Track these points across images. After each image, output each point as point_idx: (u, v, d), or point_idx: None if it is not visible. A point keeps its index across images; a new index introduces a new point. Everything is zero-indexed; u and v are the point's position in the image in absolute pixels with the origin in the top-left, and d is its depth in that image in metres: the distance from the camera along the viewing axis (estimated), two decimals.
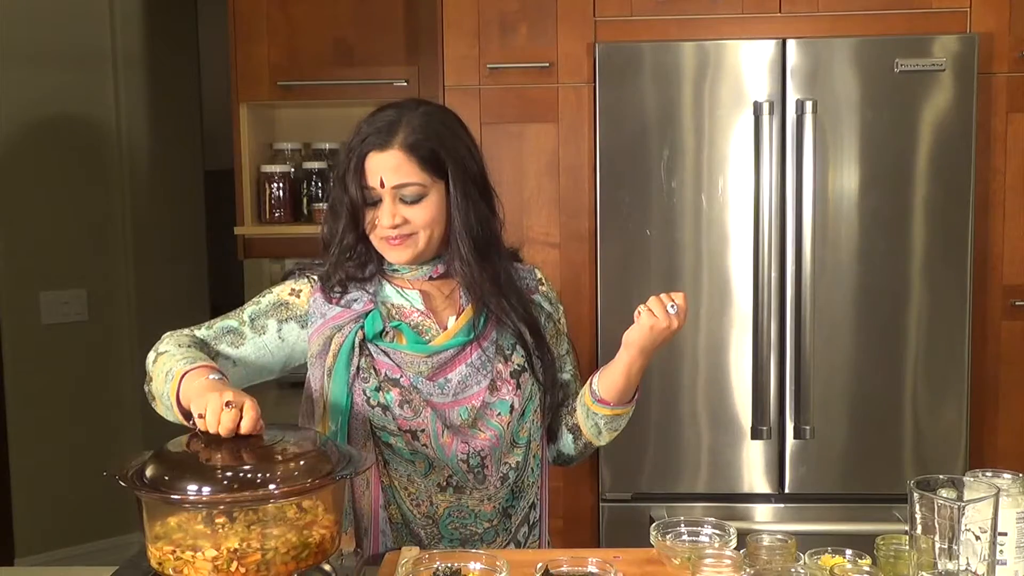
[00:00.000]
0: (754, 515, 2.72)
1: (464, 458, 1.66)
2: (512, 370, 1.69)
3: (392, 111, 1.68)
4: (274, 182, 3.24)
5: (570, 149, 2.76)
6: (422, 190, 1.62)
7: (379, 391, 1.64)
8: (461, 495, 1.67)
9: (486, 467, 1.66)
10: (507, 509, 1.70)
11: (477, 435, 1.66)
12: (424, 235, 1.65)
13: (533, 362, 1.71)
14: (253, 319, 1.71)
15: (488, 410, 1.67)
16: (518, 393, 1.68)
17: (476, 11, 2.76)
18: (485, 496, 1.67)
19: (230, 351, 1.69)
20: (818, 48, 2.64)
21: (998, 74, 2.70)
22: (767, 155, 2.63)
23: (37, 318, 3.79)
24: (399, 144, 1.62)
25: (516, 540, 1.72)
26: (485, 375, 1.67)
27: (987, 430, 2.78)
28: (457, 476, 1.66)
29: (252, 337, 1.70)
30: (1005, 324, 2.77)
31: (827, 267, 2.67)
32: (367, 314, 1.67)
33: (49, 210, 3.81)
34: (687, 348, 2.70)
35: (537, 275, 1.81)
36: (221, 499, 1.33)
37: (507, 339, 1.70)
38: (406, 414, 1.64)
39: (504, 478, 1.68)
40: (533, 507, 1.74)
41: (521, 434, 1.69)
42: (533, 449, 1.72)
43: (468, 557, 1.42)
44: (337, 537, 1.43)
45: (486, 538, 1.69)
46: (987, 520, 1.30)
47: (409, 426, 1.64)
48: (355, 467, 1.43)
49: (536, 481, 1.74)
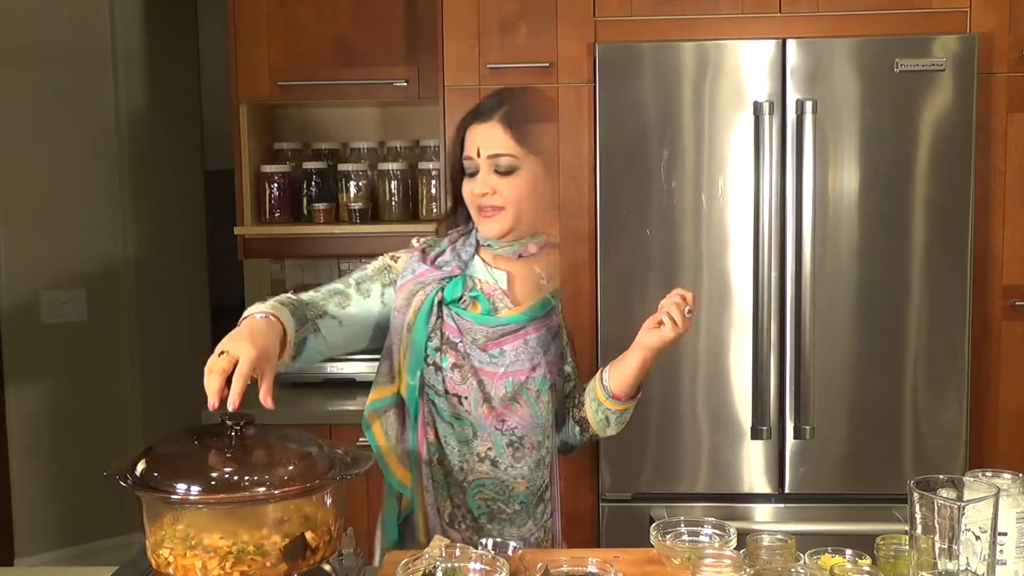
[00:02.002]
0: (754, 515, 2.72)
1: (501, 432, 1.73)
2: (562, 353, 1.81)
3: (502, 92, 1.81)
4: (274, 182, 3.24)
5: (570, 149, 2.76)
6: (515, 161, 1.71)
7: (438, 351, 1.72)
8: (497, 468, 1.73)
9: (525, 448, 1.74)
10: (542, 494, 1.77)
11: (516, 409, 1.72)
12: (512, 211, 1.72)
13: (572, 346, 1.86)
14: (359, 283, 1.79)
15: (528, 385, 1.73)
16: (560, 375, 1.79)
17: (476, 11, 2.76)
18: (519, 475, 1.74)
19: (337, 311, 1.74)
20: (818, 48, 2.64)
21: (998, 74, 2.70)
22: (767, 155, 2.63)
23: (37, 318, 3.79)
24: (498, 117, 1.72)
25: (544, 528, 1.79)
26: (537, 354, 1.74)
27: (987, 430, 2.78)
28: (497, 449, 1.73)
29: (357, 299, 1.77)
30: (1005, 324, 2.77)
31: (827, 267, 2.67)
32: (451, 278, 1.74)
33: (49, 210, 3.81)
34: (687, 348, 2.70)
35: None
36: (222, 499, 1.33)
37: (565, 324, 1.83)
38: (455, 378, 1.71)
39: (540, 461, 1.75)
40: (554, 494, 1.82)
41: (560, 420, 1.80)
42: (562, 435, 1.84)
43: (470, 557, 1.42)
44: (337, 537, 1.43)
45: (516, 521, 1.74)
46: (987, 520, 1.30)
47: (456, 390, 1.72)
48: (355, 468, 1.43)
49: (559, 470, 1.83)
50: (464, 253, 1.79)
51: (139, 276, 4.01)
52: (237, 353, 1.41)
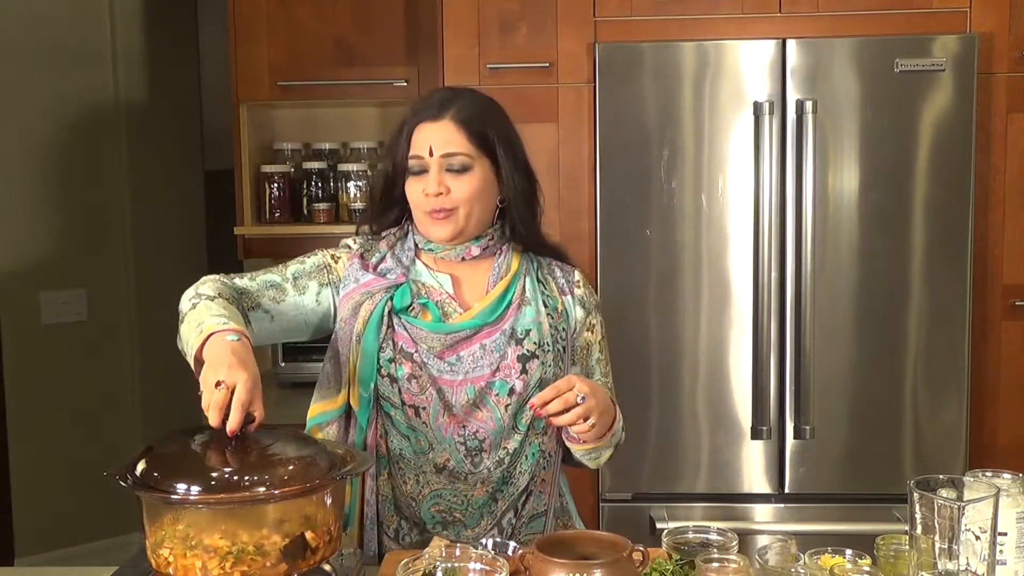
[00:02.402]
0: (754, 515, 2.72)
1: (462, 440, 1.68)
2: (520, 354, 1.70)
3: (446, 91, 1.78)
4: (274, 182, 3.24)
5: (570, 149, 2.76)
6: (469, 161, 1.68)
7: (392, 362, 1.68)
8: (455, 480, 1.69)
9: (484, 451, 1.69)
10: (495, 493, 1.71)
11: (477, 415, 1.68)
12: (464, 210, 1.69)
13: (546, 350, 1.72)
14: (296, 278, 1.75)
15: (489, 390, 1.69)
16: (523, 377, 1.69)
17: (476, 11, 2.76)
18: (479, 480, 1.69)
19: (270, 305, 1.72)
20: (818, 48, 2.64)
21: (998, 74, 2.70)
22: (767, 155, 2.63)
23: (37, 318, 3.79)
24: (451, 116, 1.69)
25: (500, 526, 1.72)
26: (495, 358, 1.69)
27: (987, 430, 2.78)
28: (454, 460, 1.68)
29: (293, 295, 1.73)
30: (1005, 324, 2.77)
31: (827, 267, 2.67)
32: (398, 286, 1.71)
33: (49, 210, 3.81)
34: (687, 348, 2.71)
35: (575, 277, 1.82)
36: (221, 499, 1.33)
37: (524, 324, 1.72)
38: (412, 388, 1.67)
39: (500, 462, 1.70)
40: (529, 496, 1.74)
41: (523, 420, 1.70)
42: (532, 437, 1.72)
43: (470, 557, 1.42)
44: (337, 537, 1.43)
45: (470, 523, 1.70)
46: (987, 520, 1.30)
47: (413, 401, 1.68)
48: (354, 468, 1.43)
49: (529, 470, 1.73)
50: (404, 258, 1.75)
51: (139, 276, 4.01)
52: (234, 382, 1.40)
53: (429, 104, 1.72)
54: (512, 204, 1.73)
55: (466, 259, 1.74)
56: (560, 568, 1.33)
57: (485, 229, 1.74)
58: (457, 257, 1.74)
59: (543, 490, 1.76)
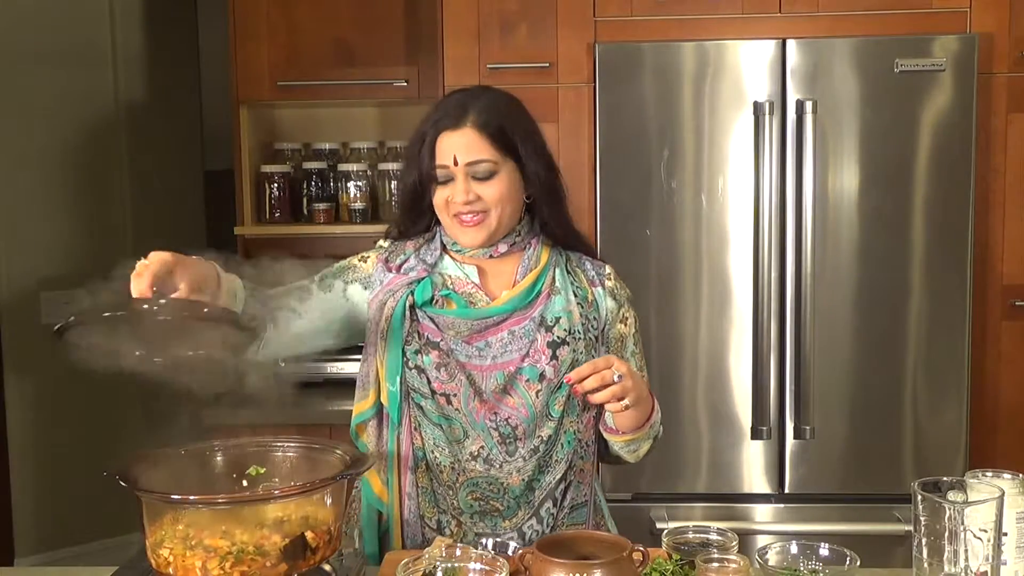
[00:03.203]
0: (754, 515, 2.72)
1: (495, 426, 1.69)
2: (550, 340, 1.71)
3: (460, 95, 1.76)
4: (274, 182, 3.24)
5: (570, 149, 2.76)
6: (494, 167, 1.69)
7: (418, 354, 1.70)
8: (491, 467, 1.70)
9: (518, 438, 1.70)
10: (532, 482, 1.72)
11: (508, 401, 1.69)
12: (496, 213, 1.70)
13: (577, 337, 1.73)
14: (322, 278, 1.79)
15: (519, 375, 1.70)
16: (553, 363, 1.70)
17: (476, 11, 2.76)
18: (514, 468, 1.70)
19: (296, 304, 1.74)
20: (818, 48, 2.64)
21: (998, 74, 2.70)
22: (767, 155, 2.63)
23: (37, 318, 3.79)
24: (471, 123, 1.69)
25: (538, 515, 1.73)
26: (524, 344, 1.71)
27: (987, 430, 2.78)
28: (488, 447, 1.70)
29: (318, 293, 1.77)
30: (1005, 324, 2.77)
31: (827, 267, 2.67)
32: (420, 281, 1.73)
33: (49, 210, 3.81)
34: (687, 348, 2.71)
35: (606, 270, 1.83)
36: (222, 499, 1.33)
37: (553, 312, 1.73)
38: (442, 377, 1.69)
39: (535, 451, 1.71)
40: (568, 487, 1.75)
41: (556, 407, 1.71)
42: (567, 425, 1.73)
43: (470, 557, 1.42)
44: (337, 537, 1.43)
45: (507, 514, 1.71)
46: (988, 521, 1.30)
47: (444, 389, 1.69)
48: (355, 468, 1.43)
49: (566, 459, 1.73)
50: (430, 257, 1.77)
51: None
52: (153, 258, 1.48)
53: (448, 111, 1.71)
54: (540, 200, 1.75)
55: (494, 256, 1.76)
56: (560, 568, 1.33)
57: (513, 227, 1.75)
58: (485, 255, 1.76)
59: (582, 480, 1.78)
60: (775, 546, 1.42)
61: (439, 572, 1.36)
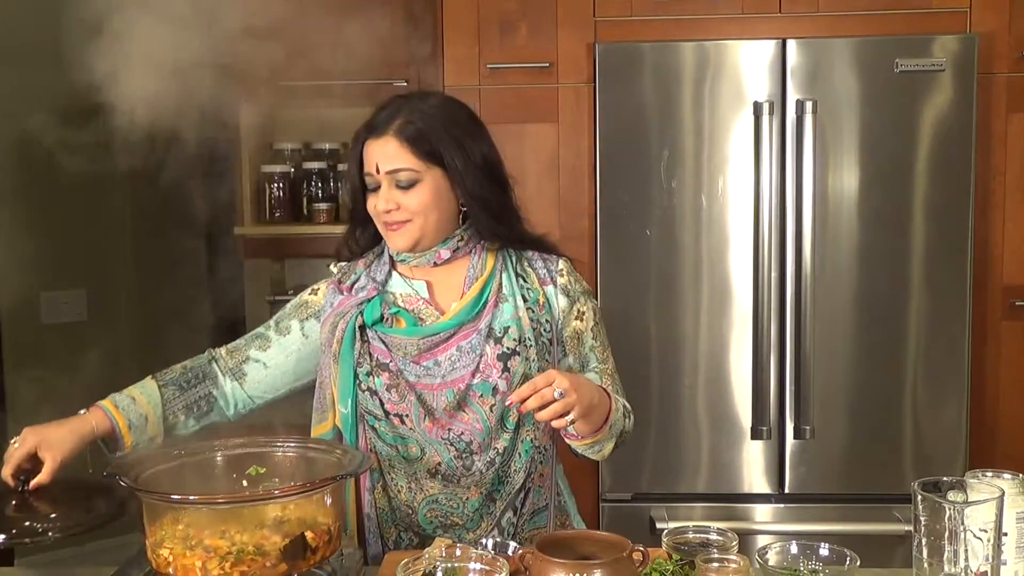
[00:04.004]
0: (754, 515, 2.72)
1: (449, 442, 1.68)
2: (500, 352, 1.68)
3: (392, 101, 1.75)
4: (274, 182, 3.24)
5: (570, 149, 2.76)
6: (415, 175, 1.67)
7: (370, 375, 1.69)
8: (448, 483, 1.69)
9: (474, 452, 1.68)
10: (491, 493, 1.71)
11: (462, 417, 1.67)
12: (418, 221, 1.69)
13: (528, 345, 1.69)
14: (278, 322, 1.82)
15: (471, 392, 1.68)
16: (505, 376, 1.67)
17: (476, 11, 2.76)
18: (472, 482, 1.69)
19: (258, 355, 1.80)
20: (818, 48, 2.64)
21: (998, 74, 2.70)
22: (767, 155, 2.63)
23: (37, 318, 3.79)
24: (393, 131, 1.68)
25: (500, 526, 1.72)
26: (472, 359, 1.68)
27: (987, 430, 2.79)
28: (445, 463, 1.68)
29: (277, 339, 1.80)
30: (1005, 324, 2.77)
31: (827, 267, 2.67)
32: (369, 300, 1.72)
33: (49, 210, 3.81)
34: (687, 348, 2.71)
35: (559, 265, 1.78)
36: (221, 499, 1.33)
37: (502, 322, 1.70)
38: (393, 398, 1.69)
39: (491, 463, 1.69)
40: (528, 493, 1.73)
41: (511, 419, 1.69)
42: (523, 434, 1.70)
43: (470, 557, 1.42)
44: (337, 537, 1.43)
45: (469, 526, 1.70)
46: (988, 521, 1.30)
47: (396, 410, 1.69)
48: (354, 468, 1.43)
49: (524, 468, 1.71)
50: (379, 274, 1.76)
51: (139, 276, 4.01)
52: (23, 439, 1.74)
53: (375, 120, 1.72)
54: (472, 209, 1.71)
55: (438, 264, 1.74)
56: (560, 568, 1.33)
57: (452, 232, 1.73)
58: (429, 263, 1.74)
59: (542, 484, 1.76)
60: (775, 546, 1.42)
61: (439, 572, 1.36)
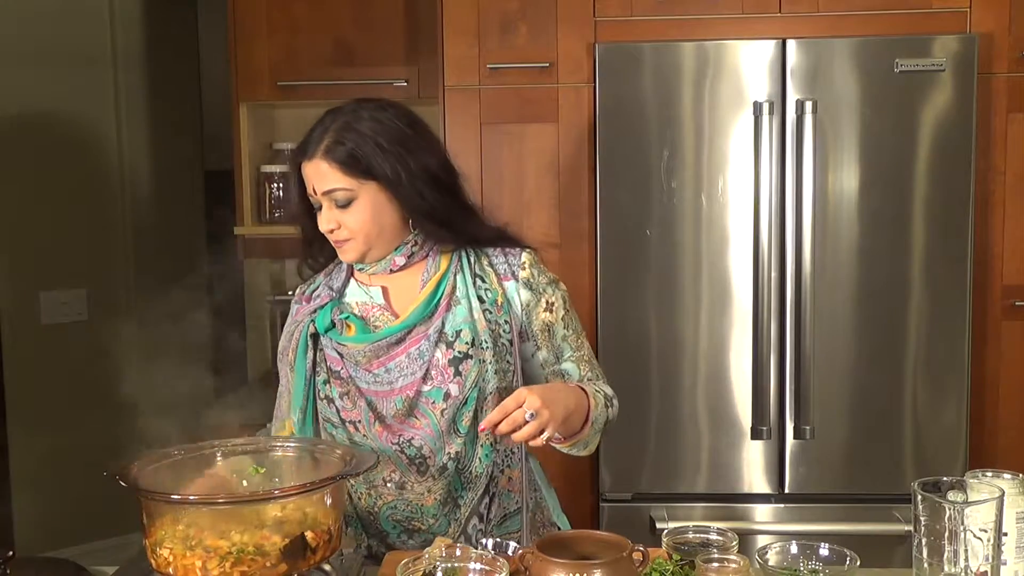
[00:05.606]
0: (754, 515, 2.72)
1: (399, 448, 1.67)
2: (452, 357, 1.66)
3: (322, 121, 1.72)
4: (274, 182, 3.24)
5: (570, 149, 2.76)
6: (350, 194, 1.66)
7: (327, 384, 1.71)
8: (403, 490, 1.69)
9: (426, 457, 1.67)
10: (456, 499, 1.70)
11: (413, 423, 1.67)
12: (361, 238, 1.68)
13: (483, 348, 1.67)
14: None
15: (422, 399, 1.67)
16: (457, 380, 1.66)
17: (476, 11, 2.76)
18: (425, 488, 1.69)
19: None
20: (818, 48, 2.64)
21: (998, 74, 2.70)
22: (767, 155, 2.63)
23: (37, 318, 3.79)
24: (321, 152, 1.67)
25: (466, 533, 1.71)
26: (421, 365, 1.67)
27: (987, 430, 2.78)
28: (400, 469, 1.68)
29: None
30: (1005, 324, 2.77)
31: (827, 267, 2.67)
32: (322, 308, 1.73)
33: (49, 210, 3.81)
34: (687, 348, 2.70)
35: (521, 258, 1.74)
36: (221, 499, 1.33)
37: (454, 324, 1.68)
38: (346, 405, 1.70)
39: (443, 468, 1.68)
40: (493, 499, 1.72)
41: (463, 422, 1.67)
42: (481, 439, 1.69)
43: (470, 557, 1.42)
44: (337, 537, 1.43)
45: (436, 530, 1.70)
46: (988, 521, 1.30)
47: (349, 417, 1.69)
48: (355, 469, 1.43)
49: (486, 472, 1.71)
50: (336, 281, 1.76)
51: (139, 276, 4.01)
52: None
53: (306, 141, 1.70)
54: (415, 219, 1.69)
55: (394, 270, 1.73)
56: (560, 568, 1.33)
57: (404, 238, 1.71)
58: (385, 270, 1.74)
59: (510, 488, 1.74)
60: (775, 546, 1.42)
61: (439, 572, 1.36)
